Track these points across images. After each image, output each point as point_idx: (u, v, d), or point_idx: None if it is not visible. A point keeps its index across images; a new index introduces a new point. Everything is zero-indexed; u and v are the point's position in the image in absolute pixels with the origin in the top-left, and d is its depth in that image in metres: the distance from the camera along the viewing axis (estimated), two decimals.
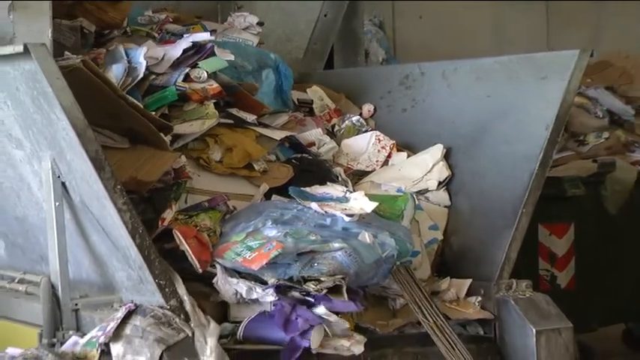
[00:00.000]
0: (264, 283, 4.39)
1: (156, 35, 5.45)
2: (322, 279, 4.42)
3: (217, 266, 4.43)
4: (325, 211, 4.62)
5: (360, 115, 5.75)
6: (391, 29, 12.64)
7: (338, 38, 6.56)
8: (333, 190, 4.95)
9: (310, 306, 4.40)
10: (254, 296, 4.35)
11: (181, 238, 4.39)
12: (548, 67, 4.97)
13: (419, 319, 4.67)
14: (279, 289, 4.37)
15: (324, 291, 4.41)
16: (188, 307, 4.20)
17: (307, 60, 6.20)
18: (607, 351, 7.86)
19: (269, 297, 4.34)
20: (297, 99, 5.75)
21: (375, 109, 5.76)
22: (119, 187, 4.11)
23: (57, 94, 4.00)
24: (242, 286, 4.36)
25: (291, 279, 4.40)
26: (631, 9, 15.46)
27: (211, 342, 4.11)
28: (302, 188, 4.90)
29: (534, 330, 4.80)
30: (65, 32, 5.16)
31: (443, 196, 5.26)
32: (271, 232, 4.47)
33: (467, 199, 5.22)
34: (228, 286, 4.38)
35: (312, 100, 5.76)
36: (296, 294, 4.40)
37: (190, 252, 4.39)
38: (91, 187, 4.15)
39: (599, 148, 12.01)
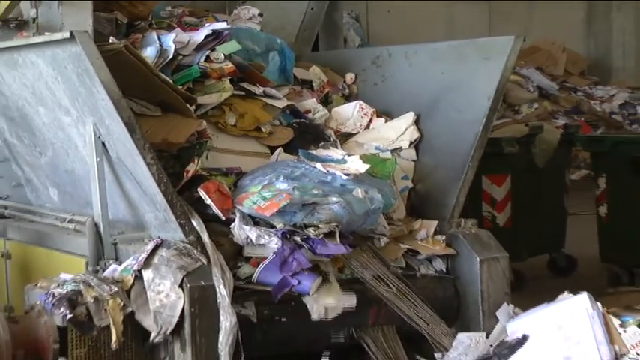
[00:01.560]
0: (272, 227, 4.37)
1: (175, 26, 5.39)
2: (320, 226, 4.39)
3: (237, 214, 4.39)
4: (327, 171, 4.57)
5: (344, 82, 5.70)
6: (365, 21, 12.65)
7: (322, 27, 6.52)
8: (334, 153, 4.91)
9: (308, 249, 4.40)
10: (262, 242, 4.32)
11: (204, 194, 4.36)
12: (490, 49, 4.93)
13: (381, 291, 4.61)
14: (284, 234, 4.34)
15: (321, 236, 4.39)
16: (209, 249, 4.17)
17: (298, 44, 6.14)
18: (535, 276, 7.87)
19: (273, 244, 4.32)
20: (301, 78, 5.69)
21: (355, 77, 5.71)
22: (147, 145, 4.09)
23: (97, 71, 3.98)
24: (253, 233, 4.33)
25: (294, 225, 4.38)
26: (556, 8, 15.45)
27: (225, 290, 4.08)
28: (309, 151, 4.86)
29: (478, 258, 4.80)
30: (103, 23, 5.13)
31: (411, 153, 5.21)
32: (282, 185, 4.43)
33: (429, 156, 5.17)
34: (242, 232, 4.34)
35: (312, 79, 5.70)
36: (297, 238, 4.37)
37: (213, 205, 4.36)
38: (125, 146, 4.14)
39: (531, 116, 12.10)
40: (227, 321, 4.02)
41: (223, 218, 4.38)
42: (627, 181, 7.51)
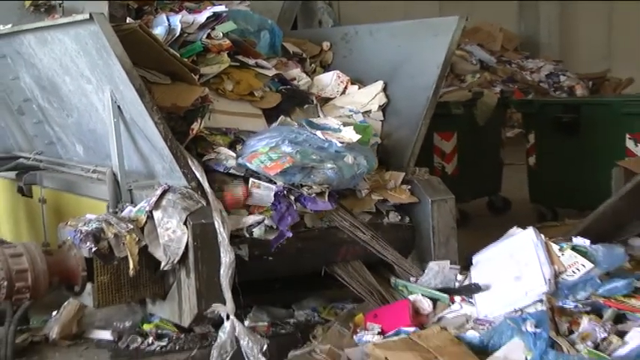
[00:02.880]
0: (273, 182, 4.35)
1: (177, 10, 5.30)
2: (313, 187, 4.37)
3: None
4: (325, 138, 4.51)
5: (321, 49, 5.63)
6: (337, 7, 12.56)
7: (300, 11, 6.47)
8: (331, 122, 4.83)
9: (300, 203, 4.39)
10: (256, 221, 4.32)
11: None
12: (439, 27, 4.87)
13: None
14: (281, 192, 4.33)
15: (313, 194, 4.39)
16: (210, 197, 4.12)
17: (280, 24, 6.03)
18: (476, 215, 7.89)
19: (271, 197, 4.32)
20: (293, 51, 5.61)
21: (331, 45, 5.62)
22: (155, 107, 4.04)
23: (112, 47, 3.92)
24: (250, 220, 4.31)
25: (292, 184, 4.35)
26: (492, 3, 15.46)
27: (225, 232, 4.05)
28: (311, 119, 4.81)
29: (430, 200, 4.79)
30: (116, 7, 5.04)
31: (379, 114, 5.14)
32: (287, 148, 4.35)
33: (393, 116, 5.11)
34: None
35: (302, 53, 5.62)
36: (292, 197, 4.35)
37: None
38: (137, 108, 4.08)
39: (474, 84, 12.07)
40: (226, 257, 4.00)
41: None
42: (552, 137, 7.53)
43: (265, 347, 3.87)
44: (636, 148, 6.89)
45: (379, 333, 4.10)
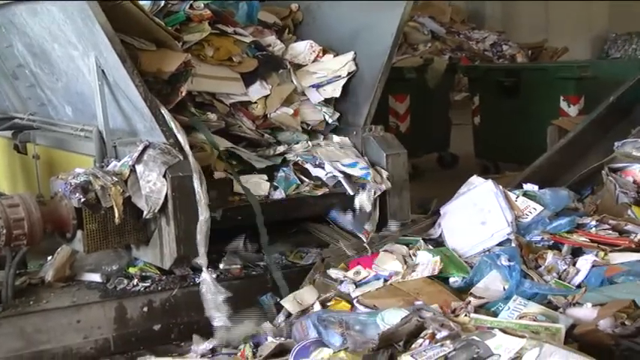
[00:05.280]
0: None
1: None
2: None
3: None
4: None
5: (291, 11, 5.53)
6: None
7: None
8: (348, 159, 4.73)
9: None
10: None
11: None
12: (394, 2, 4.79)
13: None
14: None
15: None
16: (190, 159, 4.05)
17: None
18: (427, 168, 7.94)
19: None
20: (275, 22, 5.49)
21: (299, 7, 5.51)
22: (136, 71, 3.95)
23: (96, 17, 3.81)
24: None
25: None
26: None
27: (202, 192, 3.99)
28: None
29: (385, 154, 4.76)
30: None
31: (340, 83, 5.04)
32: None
33: (352, 80, 5.02)
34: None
35: (281, 23, 5.50)
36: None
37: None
38: (119, 72, 3.99)
39: (425, 52, 12.02)
40: (202, 216, 3.97)
41: None
42: (494, 99, 7.57)
43: (220, 301, 3.83)
44: (569, 108, 6.94)
45: (354, 283, 3.96)
